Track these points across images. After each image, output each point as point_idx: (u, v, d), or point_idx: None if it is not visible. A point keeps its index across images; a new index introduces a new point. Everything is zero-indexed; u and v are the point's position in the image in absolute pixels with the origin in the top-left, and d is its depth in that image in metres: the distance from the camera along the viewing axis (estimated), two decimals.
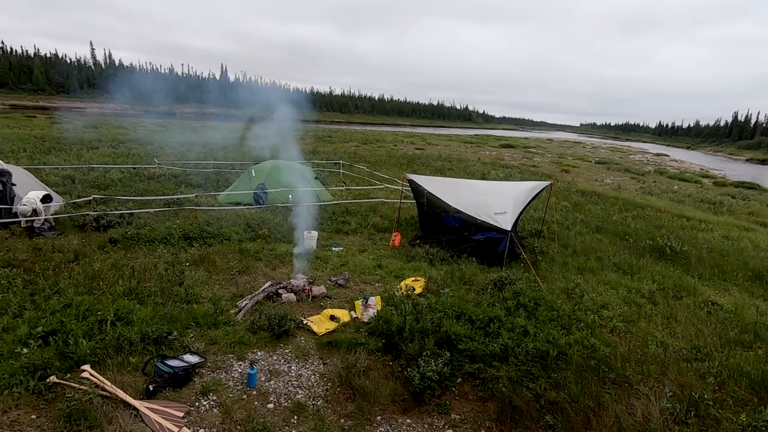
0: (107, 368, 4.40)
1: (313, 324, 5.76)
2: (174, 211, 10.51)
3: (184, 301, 5.97)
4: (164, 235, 8.54)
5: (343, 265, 8.22)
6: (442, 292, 6.75)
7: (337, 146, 31.32)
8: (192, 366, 4.53)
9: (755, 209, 20.26)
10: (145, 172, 15.52)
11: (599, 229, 12.33)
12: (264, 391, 4.48)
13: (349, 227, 10.79)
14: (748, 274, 9.38)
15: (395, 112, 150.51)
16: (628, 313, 6.67)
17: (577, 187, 20.56)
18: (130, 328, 4.92)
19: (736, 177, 37.78)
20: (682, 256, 10.12)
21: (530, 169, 27.17)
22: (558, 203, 15.31)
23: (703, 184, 29.88)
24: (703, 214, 17.31)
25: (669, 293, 7.82)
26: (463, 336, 5.25)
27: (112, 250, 7.91)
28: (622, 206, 16.53)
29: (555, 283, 7.78)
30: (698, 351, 5.58)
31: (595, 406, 4.26)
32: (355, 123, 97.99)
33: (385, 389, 4.55)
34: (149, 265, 6.98)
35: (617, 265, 9.22)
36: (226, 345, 5.14)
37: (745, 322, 6.60)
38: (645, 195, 21.53)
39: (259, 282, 7.06)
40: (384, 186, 16.03)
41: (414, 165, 23.67)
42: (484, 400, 4.55)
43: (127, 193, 12.01)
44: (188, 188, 13.52)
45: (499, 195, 9.43)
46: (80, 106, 69.77)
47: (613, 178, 27.70)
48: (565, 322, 5.92)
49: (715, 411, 4.28)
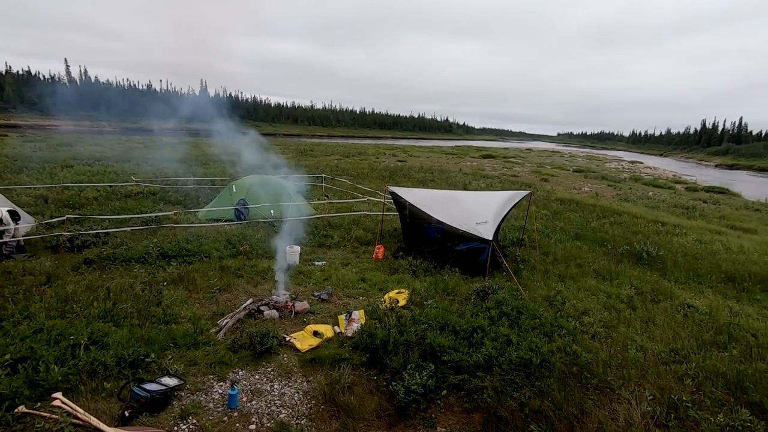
0: (80, 395, 4.24)
1: (296, 340, 5.67)
2: (152, 230, 10.28)
3: (162, 321, 5.82)
4: (141, 254, 8.35)
5: (326, 279, 8.16)
6: (426, 304, 6.75)
7: (319, 160, 31.30)
8: (170, 389, 4.39)
9: (726, 213, 21.00)
10: (122, 190, 15.19)
11: (578, 237, 12.57)
12: (246, 412, 4.37)
13: (332, 241, 10.74)
14: (721, 276, 9.67)
15: (377, 125, 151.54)
16: (608, 319, 6.78)
17: (556, 196, 20.97)
18: (104, 352, 4.76)
19: (706, 182, 39.18)
20: (658, 260, 10.38)
21: (510, 179, 27.62)
22: (538, 212, 15.57)
23: (676, 190, 30.86)
24: (677, 219, 17.84)
25: (647, 297, 7.99)
26: (448, 347, 5.26)
27: (87, 271, 7.68)
28: (600, 213, 16.91)
29: (537, 291, 7.88)
30: (676, 353, 5.71)
31: (579, 413, 4.29)
32: (336, 136, 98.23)
33: (369, 405, 4.50)
34: (125, 285, 6.80)
35: (597, 272, 9.40)
36: (207, 365, 5.02)
37: (720, 323, 6.79)
38: (621, 202, 22.09)
39: (241, 299, 6.94)
40: (366, 199, 16.05)
41: (396, 177, 23.80)
42: (469, 411, 4.54)
43: (103, 212, 11.72)
44: (167, 205, 13.27)
45: (480, 205, 9.55)
46: (54, 123, 68.10)
47: (591, 186, 28.36)
48: (547, 329, 5.98)
49: (693, 412, 4.36)
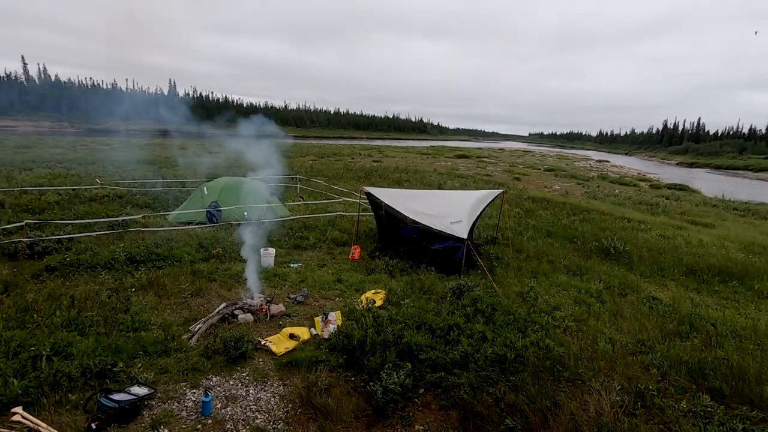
0: (43, 408, 4.05)
1: (271, 344, 5.59)
2: (119, 234, 9.92)
3: (130, 329, 5.62)
4: (108, 259, 8.03)
5: (302, 281, 8.08)
6: (403, 303, 6.78)
7: (293, 160, 30.94)
8: (140, 398, 4.25)
9: (686, 209, 22.00)
10: (86, 193, 14.57)
11: (550, 234, 12.91)
12: (220, 418, 4.27)
13: (308, 242, 10.64)
14: (683, 269, 10.13)
15: (351, 126, 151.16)
16: (579, 313, 6.99)
17: (528, 194, 21.46)
18: (69, 363, 4.56)
19: (669, 180, 41.04)
20: (625, 255, 10.78)
21: (484, 178, 28.10)
22: (511, 210, 15.89)
23: (640, 188, 32.14)
24: (641, 215, 18.57)
25: (615, 291, 8.29)
26: (424, 346, 5.30)
27: (49, 278, 7.33)
28: (570, 211, 17.41)
29: (511, 287, 8.04)
30: (642, 344, 5.94)
31: (552, 405, 4.41)
32: (311, 137, 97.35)
33: (347, 406, 4.48)
34: (91, 292, 6.52)
35: (567, 267, 9.67)
36: (179, 373, 4.88)
37: (682, 314, 7.10)
38: (590, 199, 22.82)
39: (214, 304, 6.78)
40: (342, 199, 15.98)
41: (372, 177, 23.81)
42: (446, 408, 4.58)
43: (66, 217, 11.21)
44: (135, 209, 12.83)
45: (455, 204, 9.67)
46: (11, 124, 64.65)
47: (561, 185, 29.18)
48: (521, 325, 6.11)
49: (659, 400, 4.55)
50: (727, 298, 8.61)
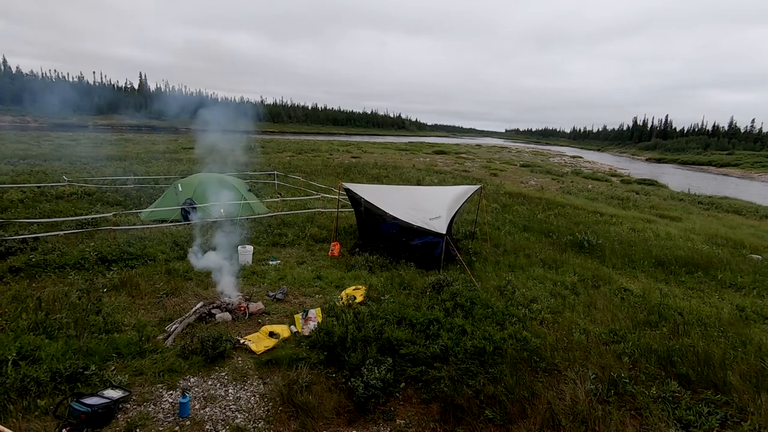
0: (9, 415, 3.88)
1: (251, 342, 5.51)
2: (89, 233, 9.56)
3: (102, 330, 5.45)
4: (77, 259, 7.74)
5: (281, 278, 7.99)
6: (383, 299, 6.80)
7: (270, 157, 30.48)
8: (114, 402, 4.12)
9: (655, 203, 22.84)
10: (53, 190, 13.97)
11: (526, 228, 13.17)
12: (199, 419, 4.20)
13: (286, 239, 10.52)
14: (652, 261, 10.51)
15: (330, 122, 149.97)
16: (555, 305, 7.18)
17: (505, 190, 21.81)
18: (37, 367, 4.38)
19: (639, 175, 42.47)
20: (597, 248, 11.11)
21: (462, 174, 28.40)
22: (488, 205, 16.13)
23: (612, 183, 33.14)
24: (613, 209, 19.16)
25: (588, 283, 8.53)
26: (405, 340, 5.33)
27: (13, 280, 7.01)
28: (545, 206, 17.80)
29: (489, 281, 8.17)
30: (615, 334, 6.14)
31: (529, 395, 4.52)
32: (288, 132, 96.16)
33: (329, 403, 4.47)
34: (59, 294, 6.28)
35: (543, 261, 9.89)
36: (154, 374, 4.76)
37: (652, 304, 7.38)
38: (564, 194, 23.37)
39: (190, 303, 6.64)
40: (321, 196, 15.86)
41: (351, 173, 23.71)
42: (427, 402, 4.63)
43: (31, 216, 10.72)
44: (105, 207, 12.39)
45: (434, 200, 9.74)
46: None
47: (537, 180, 29.78)
48: (499, 318, 6.23)
49: (630, 387, 4.73)
50: (692, 288, 8.99)
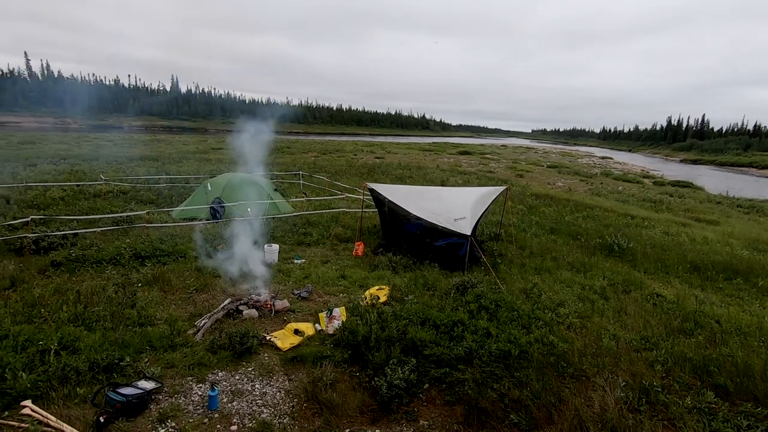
0: (52, 402, 4.08)
1: (276, 339, 5.62)
2: (124, 230, 9.96)
3: (137, 324, 5.66)
4: (113, 255, 8.08)
5: (306, 277, 8.10)
6: (407, 299, 6.80)
7: (296, 157, 30.96)
8: (147, 392, 4.28)
9: (690, 206, 21.93)
10: (91, 189, 14.63)
11: (553, 230, 12.89)
12: (226, 413, 4.31)
13: (311, 239, 10.66)
14: (687, 266, 10.10)
15: (354, 122, 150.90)
16: (583, 309, 7.00)
17: (531, 191, 21.42)
18: (76, 357, 4.60)
19: (672, 177, 40.85)
20: (628, 252, 10.76)
21: (487, 175, 28.05)
22: (514, 207, 15.88)
23: (644, 184, 32.03)
24: (645, 212, 18.52)
25: (619, 288, 8.28)
26: (429, 341, 5.31)
27: (55, 273, 7.38)
28: (573, 207, 17.38)
29: (514, 284, 8.04)
30: (647, 341, 5.94)
31: (556, 401, 4.42)
32: (313, 133, 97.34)
33: (352, 401, 4.50)
34: (97, 287, 6.57)
35: (571, 264, 9.66)
36: (185, 367, 4.91)
37: (687, 311, 7.09)
38: (593, 196, 22.76)
39: (219, 299, 6.82)
40: (345, 196, 15.99)
41: (374, 174, 23.80)
42: (451, 404, 4.60)
43: (71, 213, 11.27)
44: (139, 205, 12.88)
45: (458, 201, 9.66)
46: (14, 120, 64.84)
47: (564, 181, 29.11)
48: (525, 321, 6.12)
49: (663, 396, 4.56)
50: (731, 295, 8.59)
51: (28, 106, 73.12)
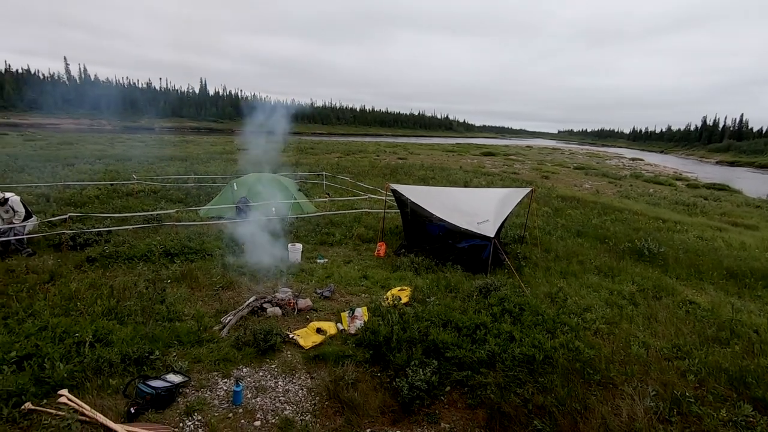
0: (86, 392, 4.26)
1: (299, 338, 5.69)
2: (154, 228, 10.30)
3: (166, 319, 5.84)
4: (144, 252, 8.36)
5: (329, 276, 8.17)
6: (428, 301, 6.77)
7: (319, 158, 31.29)
8: (175, 386, 4.42)
9: (727, 210, 20.97)
10: (124, 188, 15.20)
11: (580, 234, 12.57)
12: (250, 408, 4.39)
13: (334, 239, 10.75)
14: (723, 272, 9.67)
15: (377, 123, 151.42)
16: (611, 315, 6.80)
17: (557, 193, 20.96)
18: (109, 350, 4.79)
19: (707, 179, 39.16)
20: (659, 257, 10.39)
21: (511, 176, 27.62)
22: (539, 209, 15.57)
23: (676, 187, 30.83)
24: (678, 215, 17.83)
25: (649, 294, 8.00)
26: (450, 344, 5.27)
27: (90, 269, 7.70)
28: (601, 210, 16.91)
29: (539, 287, 7.89)
30: (678, 350, 5.72)
31: (582, 409, 4.31)
32: (336, 134, 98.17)
33: (373, 401, 4.52)
34: (129, 283, 6.82)
35: (598, 268, 9.40)
36: (211, 362, 5.04)
37: (722, 319, 6.79)
38: (622, 198, 22.08)
39: (243, 297, 6.96)
40: (368, 196, 16.06)
41: (397, 175, 23.80)
42: (473, 407, 4.56)
43: (105, 211, 11.74)
44: (168, 203, 13.29)
45: (482, 203, 9.57)
46: (54, 122, 68.03)
47: (592, 183, 28.35)
48: (549, 326, 6.00)
49: (696, 408, 4.38)
50: None
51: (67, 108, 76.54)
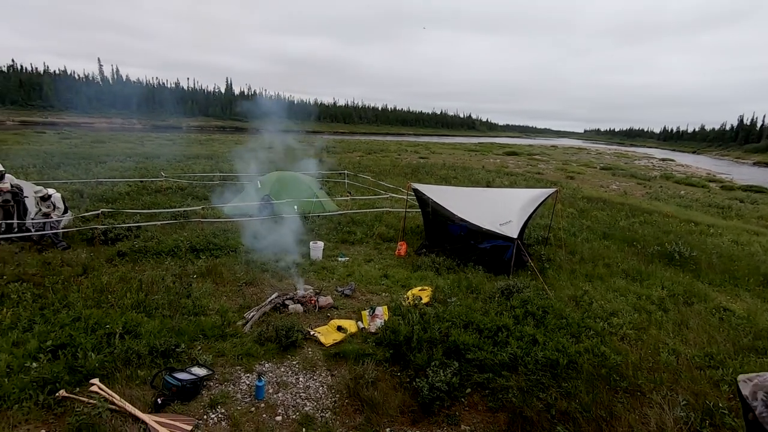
0: (116, 382, 4.41)
1: (320, 335, 5.74)
2: (181, 224, 10.58)
3: (191, 313, 5.99)
4: (171, 247, 8.59)
5: (349, 275, 8.21)
6: (449, 301, 6.71)
7: (341, 156, 31.48)
8: (200, 378, 4.52)
9: (765, 213, 20.03)
10: (152, 185, 15.66)
11: (606, 236, 12.24)
12: (272, 403, 4.46)
13: (355, 237, 10.80)
14: (760, 279, 9.24)
15: (399, 122, 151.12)
16: (639, 321, 6.59)
17: (582, 194, 20.47)
18: (138, 341, 4.94)
19: (743, 181, 37.42)
20: (691, 261, 10.01)
21: (535, 176, 27.11)
22: (564, 210, 15.23)
23: (710, 189, 29.62)
24: (711, 218, 17.14)
25: (679, 299, 7.72)
26: (472, 345, 5.22)
27: (120, 263, 7.97)
28: (628, 212, 16.41)
29: (563, 290, 7.72)
30: (711, 358, 5.49)
31: (608, 416, 4.19)
32: (358, 133, 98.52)
33: (393, 400, 4.51)
34: (157, 277, 7.02)
35: (626, 272, 9.13)
36: (234, 357, 5.14)
37: (759, 328, 6.50)
38: (652, 200, 21.38)
39: (266, 293, 7.06)
40: (389, 195, 16.06)
41: (418, 174, 23.71)
42: (494, 410, 4.49)
43: (135, 207, 12.12)
44: (194, 200, 13.62)
45: (505, 203, 9.42)
46: (88, 121, 70.78)
47: (619, 184, 27.56)
48: (574, 330, 5.86)
49: (730, 420, 4.19)
50: None
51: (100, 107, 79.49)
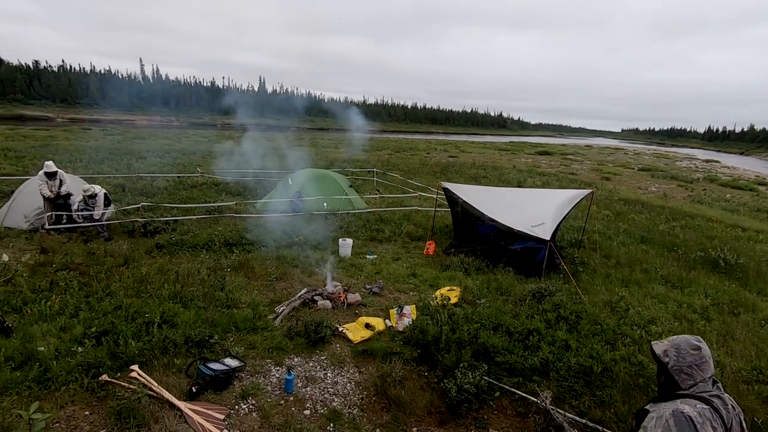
0: (154, 369, 4.59)
1: (348, 332, 5.78)
2: (215, 218, 10.90)
3: (224, 305, 6.16)
4: (206, 241, 8.87)
5: (378, 273, 8.23)
6: (479, 303, 6.62)
7: (370, 154, 31.59)
8: (232, 370, 4.65)
9: None
10: (189, 180, 16.22)
11: (645, 240, 11.75)
12: (301, 397, 4.53)
13: (383, 235, 10.81)
14: None
15: (429, 120, 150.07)
16: (679, 330, 6.28)
17: (619, 196, 19.72)
18: (174, 331, 5.12)
19: None
20: (738, 269, 9.47)
21: (569, 177, 26.33)
22: (599, 212, 14.72)
23: (759, 192, 27.89)
24: (760, 224, 16.15)
25: (724, 309, 7.32)
26: (501, 348, 5.12)
27: (158, 255, 8.29)
28: (669, 215, 15.69)
29: (597, 295, 7.46)
30: (760, 372, 5.17)
31: None
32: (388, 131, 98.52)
33: (421, 400, 4.49)
34: (192, 270, 7.25)
35: (665, 278, 8.74)
36: (264, 350, 5.25)
37: None
38: (694, 204, 20.35)
39: (296, 288, 7.18)
40: (418, 194, 15.99)
41: (448, 173, 23.48)
42: (523, 415, 4.40)
43: (172, 201, 12.59)
44: (228, 196, 14.01)
45: (537, 204, 9.19)
46: (130, 118, 74.08)
47: (659, 186, 26.37)
48: (609, 336, 5.66)
49: None
50: None
51: (141, 105, 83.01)
